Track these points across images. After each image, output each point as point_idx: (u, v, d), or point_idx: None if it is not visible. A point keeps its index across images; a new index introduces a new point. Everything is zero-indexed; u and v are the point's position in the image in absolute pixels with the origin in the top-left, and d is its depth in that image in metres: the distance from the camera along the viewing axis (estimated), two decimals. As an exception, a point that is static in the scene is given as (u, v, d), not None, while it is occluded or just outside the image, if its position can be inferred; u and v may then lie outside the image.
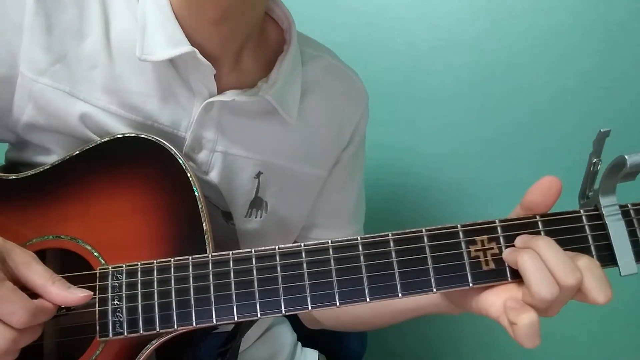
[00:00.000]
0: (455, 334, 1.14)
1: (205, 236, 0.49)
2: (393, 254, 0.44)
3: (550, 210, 0.45)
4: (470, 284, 0.43)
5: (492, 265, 0.43)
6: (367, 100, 0.71)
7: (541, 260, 0.41)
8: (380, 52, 1.08)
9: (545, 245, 0.41)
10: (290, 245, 0.45)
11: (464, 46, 1.05)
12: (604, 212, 0.43)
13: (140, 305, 0.46)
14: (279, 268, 0.45)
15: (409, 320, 0.60)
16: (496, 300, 0.43)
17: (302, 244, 0.45)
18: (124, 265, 0.47)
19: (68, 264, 0.49)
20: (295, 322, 0.81)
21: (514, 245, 0.44)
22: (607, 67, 1.01)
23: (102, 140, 0.52)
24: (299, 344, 0.80)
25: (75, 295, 0.44)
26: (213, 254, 0.46)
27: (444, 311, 0.52)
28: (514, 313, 0.40)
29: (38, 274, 0.43)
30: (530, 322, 0.39)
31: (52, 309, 0.44)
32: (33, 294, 0.43)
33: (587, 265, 0.40)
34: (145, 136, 0.52)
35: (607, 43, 1.01)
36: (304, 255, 0.45)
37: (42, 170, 0.52)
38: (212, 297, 0.45)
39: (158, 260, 0.47)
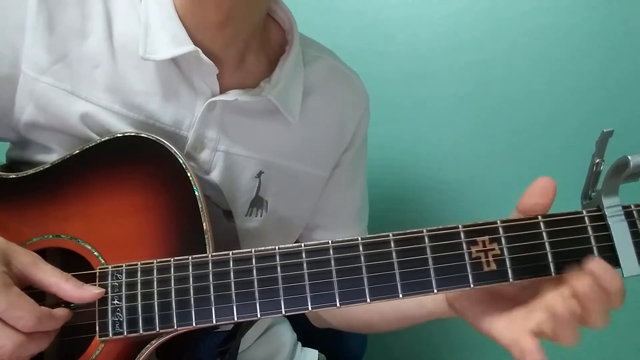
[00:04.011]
0: (454, 334, 1.14)
1: (206, 236, 0.49)
2: (394, 254, 0.44)
3: (550, 210, 0.44)
4: (472, 285, 0.43)
5: (493, 266, 0.43)
6: (368, 101, 0.71)
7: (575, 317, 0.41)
8: (380, 53, 1.08)
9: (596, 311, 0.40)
10: (291, 245, 0.45)
11: (465, 47, 1.05)
12: (606, 213, 0.42)
13: (140, 305, 0.46)
14: (279, 268, 0.45)
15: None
16: (508, 328, 0.44)
17: (302, 244, 0.45)
18: (124, 264, 0.47)
19: (68, 263, 0.49)
20: (295, 321, 0.81)
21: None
22: (608, 68, 1.01)
23: (103, 140, 0.52)
24: (299, 343, 0.80)
25: (89, 291, 0.45)
26: (213, 253, 0.46)
27: (452, 316, 0.52)
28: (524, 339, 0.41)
29: (49, 273, 0.44)
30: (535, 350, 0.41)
31: (59, 316, 0.44)
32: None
33: (620, 289, 0.40)
34: (145, 135, 0.52)
35: (609, 43, 1.01)
36: (304, 256, 0.45)
37: (42, 169, 0.52)
38: (212, 297, 0.45)
39: (158, 260, 0.47)
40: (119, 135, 0.52)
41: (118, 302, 0.46)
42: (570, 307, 0.40)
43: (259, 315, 0.45)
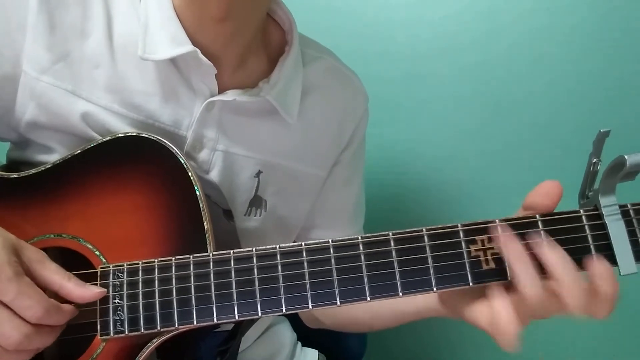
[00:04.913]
0: (454, 335, 1.14)
1: (206, 235, 0.50)
2: (393, 253, 0.44)
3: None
4: (470, 283, 0.43)
5: (492, 265, 0.43)
6: (367, 101, 0.71)
7: (530, 262, 0.41)
8: (380, 54, 1.08)
9: (556, 261, 0.41)
10: (291, 244, 0.46)
11: (465, 48, 1.05)
12: (603, 212, 0.43)
13: (141, 304, 0.46)
14: (279, 267, 0.45)
15: (409, 321, 0.60)
16: (486, 310, 0.43)
17: (303, 243, 0.45)
18: (125, 264, 0.48)
19: (69, 262, 0.49)
20: (295, 321, 0.81)
21: None
22: (608, 68, 1.01)
23: (104, 140, 0.52)
24: (299, 343, 0.80)
25: (91, 291, 0.46)
26: (214, 252, 0.47)
27: (443, 316, 0.52)
28: (496, 302, 0.41)
29: (53, 271, 0.45)
30: (507, 315, 0.40)
31: (66, 310, 0.44)
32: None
33: (614, 294, 0.40)
34: (146, 135, 0.52)
35: (609, 43, 1.01)
36: (304, 255, 0.45)
37: (43, 169, 0.52)
38: (213, 295, 0.45)
39: (159, 259, 0.47)
40: (120, 135, 0.52)
41: (119, 301, 0.47)
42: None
43: (259, 314, 0.45)
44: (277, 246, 0.45)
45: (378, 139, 1.01)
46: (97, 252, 0.49)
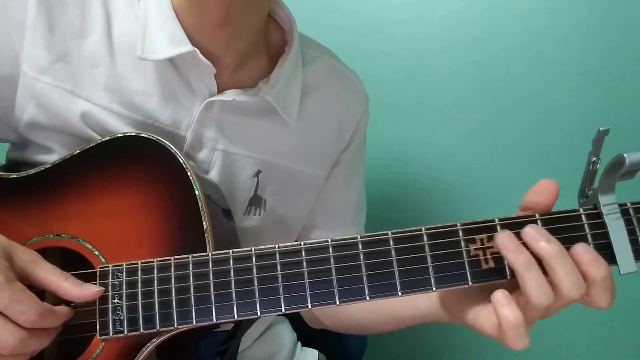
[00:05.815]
0: (455, 336, 1.14)
1: (206, 235, 0.50)
2: (393, 252, 0.44)
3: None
4: (470, 283, 0.43)
5: (491, 264, 0.43)
6: (368, 101, 0.71)
7: (538, 268, 0.40)
8: (380, 54, 1.08)
9: (553, 255, 0.40)
10: (290, 243, 0.46)
11: (464, 48, 1.05)
12: (603, 211, 0.43)
13: (140, 304, 0.46)
14: (278, 266, 0.45)
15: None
16: (491, 317, 0.42)
17: (302, 243, 0.45)
18: (125, 263, 0.48)
19: (68, 262, 0.49)
20: (295, 321, 0.81)
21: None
22: (606, 68, 1.01)
23: (103, 140, 0.52)
24: (299, 343, 0.80)
25: (89, 290, 0.45)
26: (213, 252, 0.47)
27: (444, 321, 0.51)
28: (501, 309, 0.40)
29: (49, 271, 0.44)
30: (515, 321, 0.40)
31: (61, 313, 0.44)
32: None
33: (604, 277, 0.40)
34: (145, 135, 0.52)
35: (609, 43, 1.01)
36: (303, 254, 0.45)
37: (42, 169, 0.52)
38: (212, 295, 0.45)
39: (158, 259, 0.47)
40: (119, 135, 0.52)
41: (118, 301, 0.47)
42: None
43: (259, 314, 0.45)
44: (276, 246, 0.45)
45: (378, 138, 1.01)
46: (96, 252, 0.49)
